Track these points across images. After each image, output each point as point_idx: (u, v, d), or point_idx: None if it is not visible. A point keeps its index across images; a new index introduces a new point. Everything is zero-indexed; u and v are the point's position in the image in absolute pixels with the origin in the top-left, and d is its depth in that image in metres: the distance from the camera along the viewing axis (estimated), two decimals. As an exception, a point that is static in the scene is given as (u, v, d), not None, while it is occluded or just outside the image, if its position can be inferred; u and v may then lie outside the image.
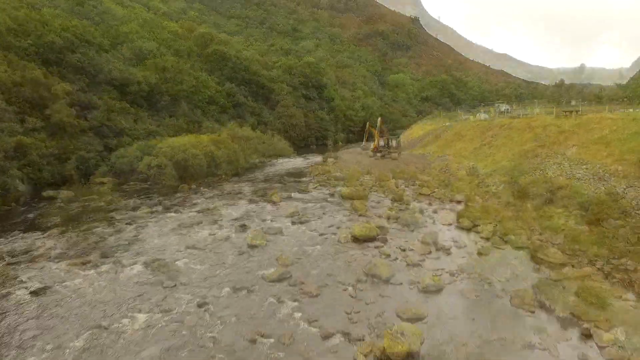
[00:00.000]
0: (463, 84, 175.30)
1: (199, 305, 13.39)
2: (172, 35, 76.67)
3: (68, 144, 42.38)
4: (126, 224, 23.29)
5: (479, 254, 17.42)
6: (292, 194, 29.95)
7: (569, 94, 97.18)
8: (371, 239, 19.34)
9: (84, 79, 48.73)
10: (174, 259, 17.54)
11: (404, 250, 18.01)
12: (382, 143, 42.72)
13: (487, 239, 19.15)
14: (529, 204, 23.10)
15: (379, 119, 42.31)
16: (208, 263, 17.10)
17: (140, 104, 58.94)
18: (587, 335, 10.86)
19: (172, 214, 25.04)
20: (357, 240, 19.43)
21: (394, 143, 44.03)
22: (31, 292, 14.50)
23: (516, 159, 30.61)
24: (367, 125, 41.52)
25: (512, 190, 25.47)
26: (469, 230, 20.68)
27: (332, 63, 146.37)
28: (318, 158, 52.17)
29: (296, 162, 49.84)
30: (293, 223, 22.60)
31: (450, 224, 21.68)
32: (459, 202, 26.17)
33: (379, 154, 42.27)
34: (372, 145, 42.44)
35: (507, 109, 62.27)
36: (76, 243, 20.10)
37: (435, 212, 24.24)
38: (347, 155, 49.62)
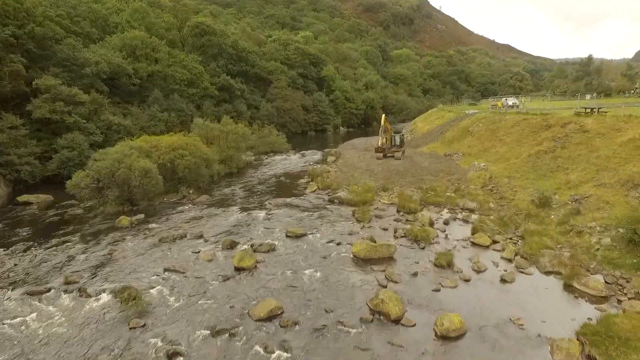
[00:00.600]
0: (465, 75, 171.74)
1: (169, 357, 10.96)
2: (166, 24, 73.36)
3: (50, 143, 39.88)
4: (101, 238, 20.82)
5: (503, 281, 14.96)
6: (288, 200, 27.42)
7: (577, 87, 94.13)
8: (376, 260, 16.89)
9: (69, 72, 45.92)
10: (147, 286, 15.09)
11: (415, 275, 15.54)
12: (381, 141, 39.96)
13: (510, 260, 16.67)
14: (552, 215, 20.62)
15: (383, 116, 39.58)
16: (186, 292, 14.63)
17: (130, 99, 56.28)
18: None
19: (154, 225, 22.51)
20: (360, 261, 16.98)
21: (397, 140, 41.23)
22: (-30, 335, 12.07)
23: (532, 161, 28.06)
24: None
25: (531, 198, 22.97)
26: (486, 247, 18.18)
27: (332, 37, 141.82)
28: (317, 155, 49.57)
29: (292, 160, 47.08)
30: (288, 237, 20.11)
31: (464, 240, 19.17)
32: (471, 210, 23.66)
33: (380, 154, 39.63)
34: (379, 141, 39.65)
35: (515, 104, 59.54)
36: (40, 263, 17.64)
37: (446, 223, 21.72)
38: (349, 153, 46.99)
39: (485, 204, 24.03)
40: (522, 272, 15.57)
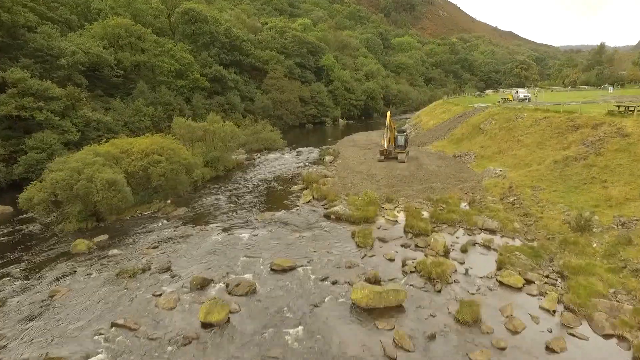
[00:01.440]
0: (469, 63, 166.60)
1: None
2: (154, 11, 68.78)
3: (20, 143, 36.09)
4: (48, 270, 17.22)
5: (549, 350, 11.36)
6: (277, 214, 23.76)
7: (588, 77, 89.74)
8: (382, 311, 13.31)
9: (42, 63, 41.91)
10: (86, 353, 11.55)
11: (432, 338, 11.93)
12: (387, 143, 36.17)
13: (552, 313, 13.06)
14: (594, 243, 16.97)
15: (388, 113, 35.66)
16: (132, 366, 11.08)
17: (113, 91, 52.24)
18: None
19: (115, 252, 18.86)
20: (360, 312, 13.38)
21: (401, 140, 37.19)
22: None
23: (560, 168, 24.30)
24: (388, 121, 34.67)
25: (564, 217, 19.31)
26: (519, 289, 14.56)
27: (331, 24, 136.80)
28: (313, 154, 45.76)
29: (286, 159, 43.23)
30: (272, 271, 16.52)
31: (490, 278, 15.54)
32: (492, 231, 20.02)
33: (382, 157, 35.88)
34: (384, 141, 35.96)
35: (527, 96, 55.57)
36: (-40, 312, 14.07)
37: (464, 250, 18.06)
38: (348, 152, 43.21)
39: (509, 224, 20.34)
40: (573, 335, 11.95)
